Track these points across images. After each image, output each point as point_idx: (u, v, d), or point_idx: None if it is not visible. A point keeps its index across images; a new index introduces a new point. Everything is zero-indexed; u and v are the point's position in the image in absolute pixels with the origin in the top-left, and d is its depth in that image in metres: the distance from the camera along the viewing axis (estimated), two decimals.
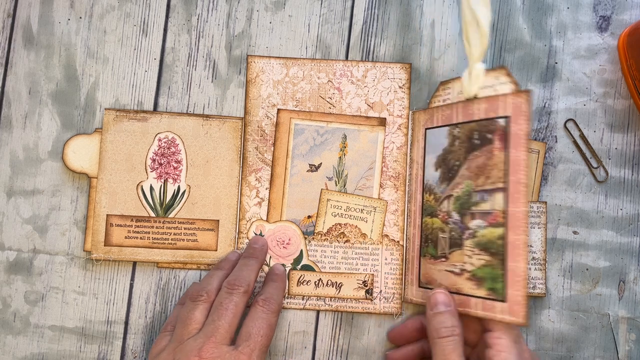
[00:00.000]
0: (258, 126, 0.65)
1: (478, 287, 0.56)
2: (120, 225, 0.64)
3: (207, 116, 0.65)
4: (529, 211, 0.57)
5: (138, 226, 0.64)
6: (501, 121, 0.55)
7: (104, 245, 0.64)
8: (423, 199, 0.63)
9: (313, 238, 0.65)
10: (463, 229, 0.58)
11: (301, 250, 0.65)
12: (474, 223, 0.57)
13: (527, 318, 0.53)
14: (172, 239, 0.64)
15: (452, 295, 0.57)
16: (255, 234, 0.65)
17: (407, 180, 0.65)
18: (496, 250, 0.55)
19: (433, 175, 0.61)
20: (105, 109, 0.66)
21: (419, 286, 0.62)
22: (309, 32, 0.67)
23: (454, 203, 0.59)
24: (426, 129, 0.63)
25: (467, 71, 0.58)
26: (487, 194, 0.56)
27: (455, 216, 0.58)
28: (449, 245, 0.59)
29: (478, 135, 0.57)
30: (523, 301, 0.53)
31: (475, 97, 0.58)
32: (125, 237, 0.64)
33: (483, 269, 0.56)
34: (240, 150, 0.65)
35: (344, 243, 0.65)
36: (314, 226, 0.65)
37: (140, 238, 0.64)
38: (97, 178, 0.65)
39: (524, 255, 0.53)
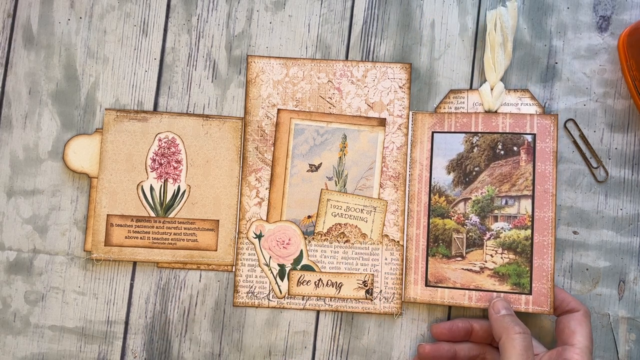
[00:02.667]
0: (258, 126, 0.65)
1: (501, 283, 0.62)
2: (121, 225, 0.64)
3: (207, 116, 0.65)
4: (555, 216, 0.62)
5: (138, 226, 0.64)
6: (528, 137, 0.63)
7: (104, 245, 0.64)
8: (430, 200, 0.63)
9: (313, 238, 0.65)
10: (484, 230, 0.63)
11: (301, 250, 0.65)
12: (496, 225, 0.63)
13: (553, 307, 0.61)
14: (172, 239, 0.64)
15: (471, 290, 0.63)
16: (255, 234, 0.65)
17: (407, 180, 0.65)
18: (522, 250, 0.62)
19: (444, 178, 0.64)
20: (105, 109, 0.66)
21: (426, 285, 0.63)
22: (309, 32, 0.67)
23: (473, 206, 0.63)
24: (433, 132, 0.64)
25: (487, 86, 0.64)
26: (512, 200, 0.63)
27: (475, 218, 0.63)
28: (466, 245, 0.63)
29: (502, 146, 0.63)
30: (549, 293, 0.61)
31: (495, 111, 0.64)
32: (126, 237, 0.64)
33: (507, 266, 0.62)
34: (240, 150, 0.65)
35: (344, 243, 0.65)
36: (314, 226, 0.65)
37: (141, 238, 0.64)
38: (97, 178, 0.65)
39: (549, 253, 0.62)
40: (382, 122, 0.65)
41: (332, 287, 0.64)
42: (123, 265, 0.65)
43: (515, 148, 0.63)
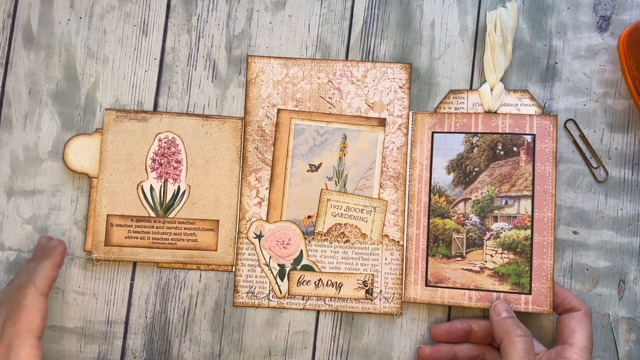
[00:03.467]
0: (258, 126, 0.65)
1: (501, 283, 0.63)
2: (121, 225, 0.64)
3: (207, 116, 0.65)
4: (554, 216, 0.62)
5: (138, 226, 0.64)
6: (527, 138, 0.63)
7: (104, 245, 0.64)
8: (430, 200, 0.63)
9: (313, 238, 0.65)
10: (484, 230, 0.63)
11: (301, 251, 0.65)
12: (496, 225, 0.63)
13: (552, 307, 0.61)
14: (172, 239, 0.64)
15: (471, 290, 0.63)
16: (255, 234, 0.65)
17: (407, 180, 0.65)
18: (522, 250, 0.62)
19: (444, 178, 0.64)
20: (105, 109, 0.66)
21: (426, 285, 0.63)
22: (309, 32, 0.67)
23: (473, 206, 0.64)
24: (433, 132, 0.64)
25: (487, 87, 0.64)
26: (512, 200, 0.63)
27: (475, 218, 0.64)
28: (466, 245, 0.63)
29: (502, 147, 0.63)
30: (549, 293, 0.61)
31: (495, 112, 0.64)
32: (126, 237, 0.64)
33: (507, 266, 0.63)
34: (240, 150, 0.65)
35: (344, 243, 0.65)
36: (314, 226, 0.65)
37: (141, 238, 0.64)
38: (97, 178, 0.65)
39: (549, 253, 0.62)
40: (382, 122, 0.65)
41: (332, 287, 0.64)
42: (123, 265, 0.65)
43: (515, 148, 0.63)
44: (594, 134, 0.65)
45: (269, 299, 0.65)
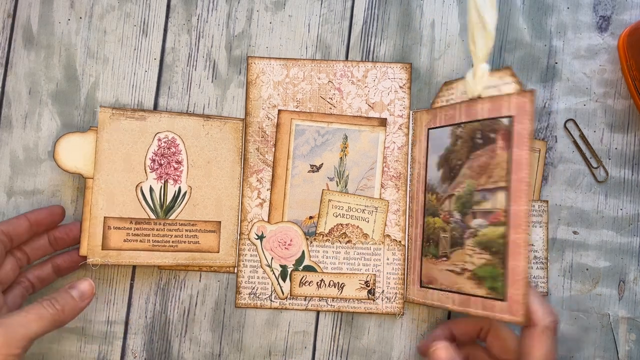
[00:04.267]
0: (259, 127, 0.65)
1: (478, 287, 0.56)
2: (119, 228, 0.63)
3: (208, 116, 0.65)
4: (530, 210, 0.58)
5: (138, 228, 0.63)
6: (505, 121, 0.56)
7: (102, 249, 0.63)
8: (425, 198, 0.63)
9: (315, 239, 0.65)
10: (464, 228, 0.58)
11: (303, 251, 0.65)
12: (475, 222, 0.57)
13: (526, 317, 0.53)
14: (173, 241, 0.64)
15: (454, 293, 0.58)
16: (257, 235, 0.65)
17: (408, 180, 0.65)
18: (497, 249, 0.55)
19: (435, 174, 0.62)
20: (100, 106, 0.65)
21: (421, 286, 0.63)
22: (309, 32, 0.66)
23: (456, 202, 0.59)
24: (429, 129, 0.63)
25: (472, 71, 0.59)
26: (488, 193, 0.56)
27: (457, 215, 0.59)
28: (450, 244, 0.59)
29: (481, 135, 0.57)
30: (522, 300, 0.53)
31: (479, 97, 0.58)
32: (124, 240, 0.63)
33: (484, 268, 0.56)
34: (242, 151, 0.65)
35: (346, 243, 0.65)
36: (316, 227, 0.65)
37: (140, 241, 0.63)
38: (93, 179, 0.63)
39: (524, 254, 0.53)
40: (382, 122, 0.65)
41: (334, 287, 0.64)
42: (123, 265, 0.65)
43: (492, 135, 0.56)
44: (594, 134, 0.65)
45: (271, 300, 0.64)
